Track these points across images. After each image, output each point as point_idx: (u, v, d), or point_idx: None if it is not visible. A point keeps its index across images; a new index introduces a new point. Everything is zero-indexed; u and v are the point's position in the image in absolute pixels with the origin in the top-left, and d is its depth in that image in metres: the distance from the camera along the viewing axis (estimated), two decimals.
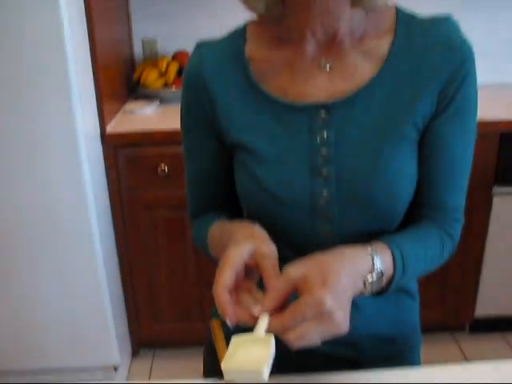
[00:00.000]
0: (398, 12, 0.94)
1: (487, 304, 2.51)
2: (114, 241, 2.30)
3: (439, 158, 0.92)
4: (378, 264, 0.82)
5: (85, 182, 1.96)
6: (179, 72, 2.55)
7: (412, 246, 0.89)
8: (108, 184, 2.21)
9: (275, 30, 0.95)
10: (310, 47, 0.92)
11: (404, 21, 0.92)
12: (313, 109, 0.91)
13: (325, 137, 0.91)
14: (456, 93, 0.89)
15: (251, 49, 0.96)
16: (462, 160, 0.94)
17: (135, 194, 2.22)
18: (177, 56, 2.62)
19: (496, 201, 2.29)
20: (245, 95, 0.94)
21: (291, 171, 0.91)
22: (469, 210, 0.96)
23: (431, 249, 0.93)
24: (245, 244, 0.80)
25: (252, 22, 0.99)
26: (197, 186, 1.07)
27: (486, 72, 2.78)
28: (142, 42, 2.75)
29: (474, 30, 2.67)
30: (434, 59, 0.89)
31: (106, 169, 2.18)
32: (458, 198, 0.96)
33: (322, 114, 0.91)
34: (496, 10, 2.74)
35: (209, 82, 0.96)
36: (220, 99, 0.95)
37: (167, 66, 2.54)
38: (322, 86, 0.92)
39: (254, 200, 0.95)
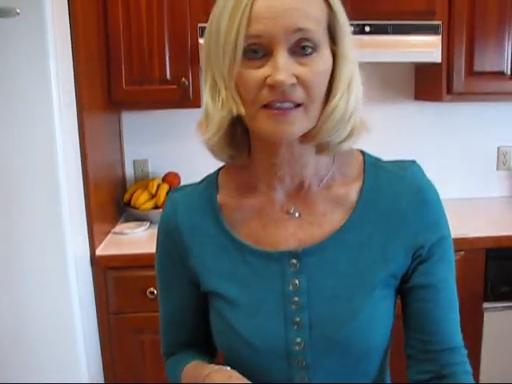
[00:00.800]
0: (365, 157, 0.97)
1: None
2: (101, 363, 2.23)
3: (437, 299, 0.93)
4: None
5: (73, 303, 1.93)
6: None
7: None
8: (96, 305, 2.18)
9: (245, 177, 0.98)
10: (279, 195, 0.95)
11: (371, 167, 0.95)
12: (284, 256, 0.93)
13: (297, 284, 0.92)
14: (437, 241, 0.92)
15: (223, 196, 0.99)
16: (453, 297, 0.95)
17: (123, 316, 2.19)
18: (167, 177, 2.69)
19: (487, 317, 2.28)
20: (218, 243, 0.96)
21: (265, 318, 0.92)
22: (461, 329, 0.97)
23: None
24: None
25: (223, 170, 1.02)
26: (171, 325, 1.08)
27: (468, 186, 2.89)
28: (133, 163, 2.83)
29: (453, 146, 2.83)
30: (403, 206, 0.92)
31: (94, 290, 2.17)
32: (459, 334, 0.96)
33: (293, 261, 0.92)
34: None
35: (182, 230, 0.98)
36: (194, 247, 0.97)
37: (157, 187, 2.60)
38: (291, 233, 0.94)
39: (229, 345, 0.95)
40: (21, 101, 1.79)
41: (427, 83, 2.66)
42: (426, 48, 2.34)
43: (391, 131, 2.77)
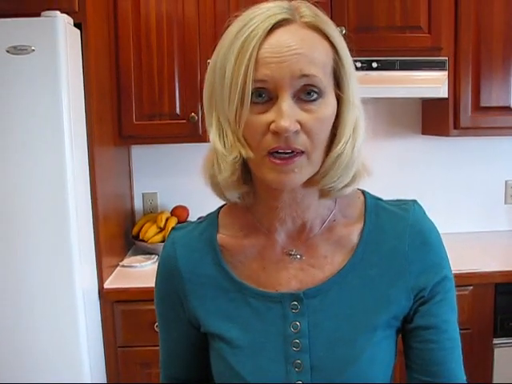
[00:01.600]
0: (366, 198, 0.97)
1: None
2: None
3: (440, 339, 0.92)
4: None
5: (80, 336, 1.94)
6: None
7: None
8: (103, 339, 2.18)
9: (246, 217, 0.97)
10: (280, 237, 0.94)
11: (372, 207, 0.96)
12: (285, 298, 0.92)
13: (298, 326, 0.91)
14: (438, 283, 0.92)
15: (223, 236, 0.98)
16: (456, 337, 0.94)
17: (131, 349, 2.18)
18: (176, 211, 2.71)
19: (497, 353, 2.25)
20: (218, 284, 0.95)
21: (266, 360, 0.91)
22: (471, 365, 0.96)
23: None
24: None
25: (224, 209, 1.02)
26: (170, 361, 1.07)
27: (476, 220, 2.89)
28: (143, 196, 2.85)
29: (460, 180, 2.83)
30: (405, 248, 0.92)
31: (102, 323, 2.16)
32: (462, 374, 0.95)
33: (294, 303, 0.92)
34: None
35: (182, 272, 0.97)
36: (193, 289, 0.97)
37: (166, 220, 2.61)
38: (293, 275, 0.93)
39: None
40: (33, 133, 1.84)
41: (434, 118, 2.68)
42: (433, 84, 2.36)
43: (398, 166, 2.78)
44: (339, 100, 0.86)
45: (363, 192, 0.99)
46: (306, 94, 0.81)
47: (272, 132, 0.80)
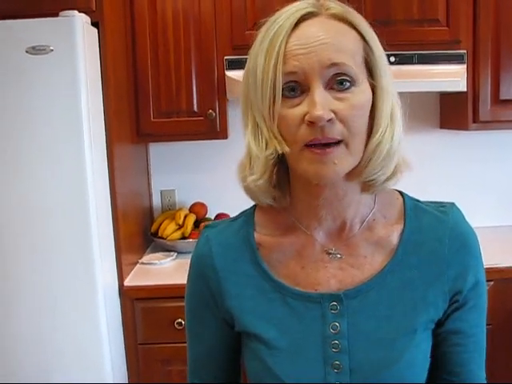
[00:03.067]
0: (405, 199, 0.97)
1: None
2: None
3: (465, 343, 0.93)
4: None
5: (101, 333, 1.96)
6: (196, 224, 2.62)
7: None
8: (124, 336, 2.19)
9: (283, 216, 0.96)
10: (319, 235, 0.94)
11: (412, 209, 0.95)
12: (324, 299, 0.91)
13: (337, 327, 0.90)
14: (472, 288, 0.92)
15: (260, 235, 0.97)
16: (482, 340, 0.95)
17: (151, 346, 2.19)
18: (194, 208, 2.71)
19: None
20: (255, 283, 0.94)
21: (304, 361, 0.90)
22: (493, 360, 0.96)
23: None
24: None
25: (260, 208, 1.00)
26: (200, 365, 1.06)
27: (497, 214, 2.85)
28: (161, 193, 2.86)
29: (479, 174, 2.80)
30: (444, 251, 0.91)
31: (122, 321, 2.18)
32: (483, 373, 0.96)
33: (334, 303, 0.91)
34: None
35: (218, 270, 0.96)
36: (230, 288, 0.95)
37: (184, 218, 2.61)
38: (332, 274, 0.92)
39: None
40: (53, 132, 1.85)
41: (453, 112, 2.66)
42: (452, 77, 2.34)
43: (417, 160, 2.72)
44: (374, 90, 0.85)
45: (401, 193, 0.99)
46: (339, 83, 0.82)
47: (307, 123, 0.81)
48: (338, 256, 0.93)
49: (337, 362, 0.89)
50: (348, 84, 0.82)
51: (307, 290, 0.92)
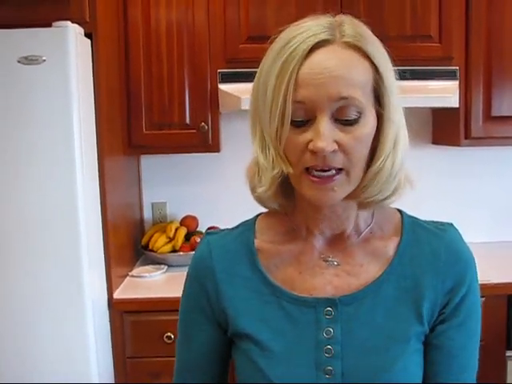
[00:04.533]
0: (403, 216, 0.99)
1: None
2: None
3: (448, 363, 0.92)
4: None
5: (89, 346, 1.93)
6: (187, 237, 2.61)
7: None
8: (113, 349, 2.17)
9: (285, 223, 0.99)
10: (318, 243, 0.96)
11: (409, 223, 0.97)
12: (319, 303, 0.92)
13: (331, 332, 0.91)
14: (461, 303, 0.92)
15: (260, 240, 0.99)
16: (468, 364, 0.94)
17: (140, 360, 2.17)
18: (185, 221, 2.70)
19: (511, 365, 2.22)
20: (252, 286, 0.96)
21: (296, 365, 0.91)
22: (484, 378, 0.95)
23: None
24: None
25: (263, 215, 1.03)
26: (187, 370, 1.05)
27: (488, 230, 2.85)
28: (152, 205, 2.85)
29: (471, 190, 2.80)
30: (440, 264, 0.92)
31: (111, 334, 2.15)
32: None
33: (329, 309, 0.92)
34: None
35: (216, 271, 0.98)
36: (227, 289, 0.97)
37: (175, 230, 2.60)
38: (328, 281, 0.94)
39: None
40: (44, 143, 1.84)
41: (445, 128, 2.67)
42: (444, 93, 2.35)
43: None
44: (379, 116, 0.87)
45: (400, 211, 1.01)
46: (345, 115, 0.83)
47: (310, 151, 0.83)
48: (335, 263, 0.95)
49: (329, 368, 0.90)
50: (354, 116, 0.83)
51: (303, 294, 0.94)
